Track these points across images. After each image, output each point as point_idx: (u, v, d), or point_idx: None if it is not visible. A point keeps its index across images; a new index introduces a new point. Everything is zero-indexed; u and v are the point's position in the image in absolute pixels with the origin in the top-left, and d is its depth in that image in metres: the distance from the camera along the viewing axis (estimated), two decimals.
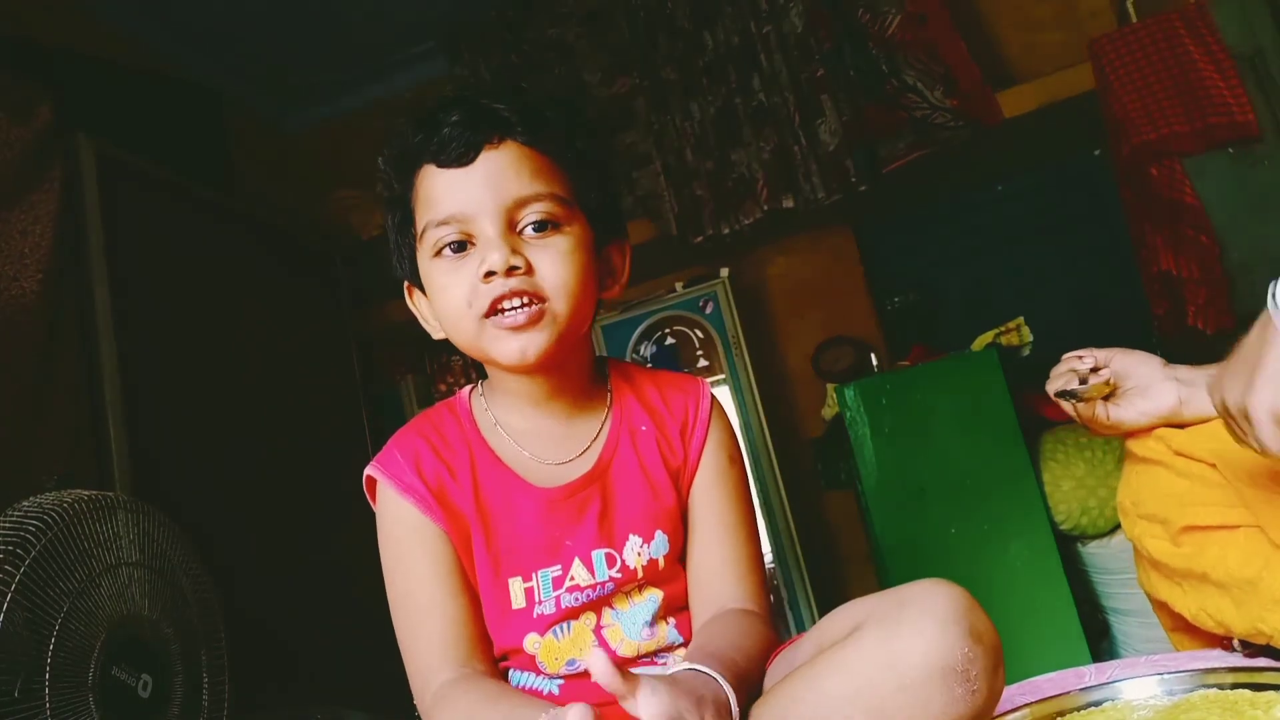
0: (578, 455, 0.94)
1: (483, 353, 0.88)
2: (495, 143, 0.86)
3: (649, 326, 3.02)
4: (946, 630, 0.66)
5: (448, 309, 0.88)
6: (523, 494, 0.91)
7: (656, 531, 0.92)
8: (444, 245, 0.87)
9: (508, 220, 0.86)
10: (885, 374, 2.24)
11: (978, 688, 0.66)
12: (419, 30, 3.24)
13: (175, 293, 2.29)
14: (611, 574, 0.89)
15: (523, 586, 0.88)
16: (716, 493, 0.95)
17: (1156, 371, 1.05)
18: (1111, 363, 1.08)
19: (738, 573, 0.93)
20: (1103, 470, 2.03)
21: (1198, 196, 2.12)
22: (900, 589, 0.72)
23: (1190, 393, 1.01)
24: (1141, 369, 1.06)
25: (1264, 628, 0.86)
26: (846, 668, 0.68)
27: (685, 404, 0.98)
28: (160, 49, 2.93)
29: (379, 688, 1.02)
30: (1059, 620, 1.99)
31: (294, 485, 2.51)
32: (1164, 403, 1.03)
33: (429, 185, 0.88)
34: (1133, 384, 1.06)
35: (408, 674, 0.89)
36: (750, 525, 0.97)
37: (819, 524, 3.13)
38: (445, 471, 0.91)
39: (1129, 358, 1.08)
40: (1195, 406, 1.00)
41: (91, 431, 1.97)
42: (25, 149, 1.92)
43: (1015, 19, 2.96)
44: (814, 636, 0.79)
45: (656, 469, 0.94)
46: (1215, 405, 0.79)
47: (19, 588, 1.28)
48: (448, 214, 0.86)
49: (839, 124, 2.76)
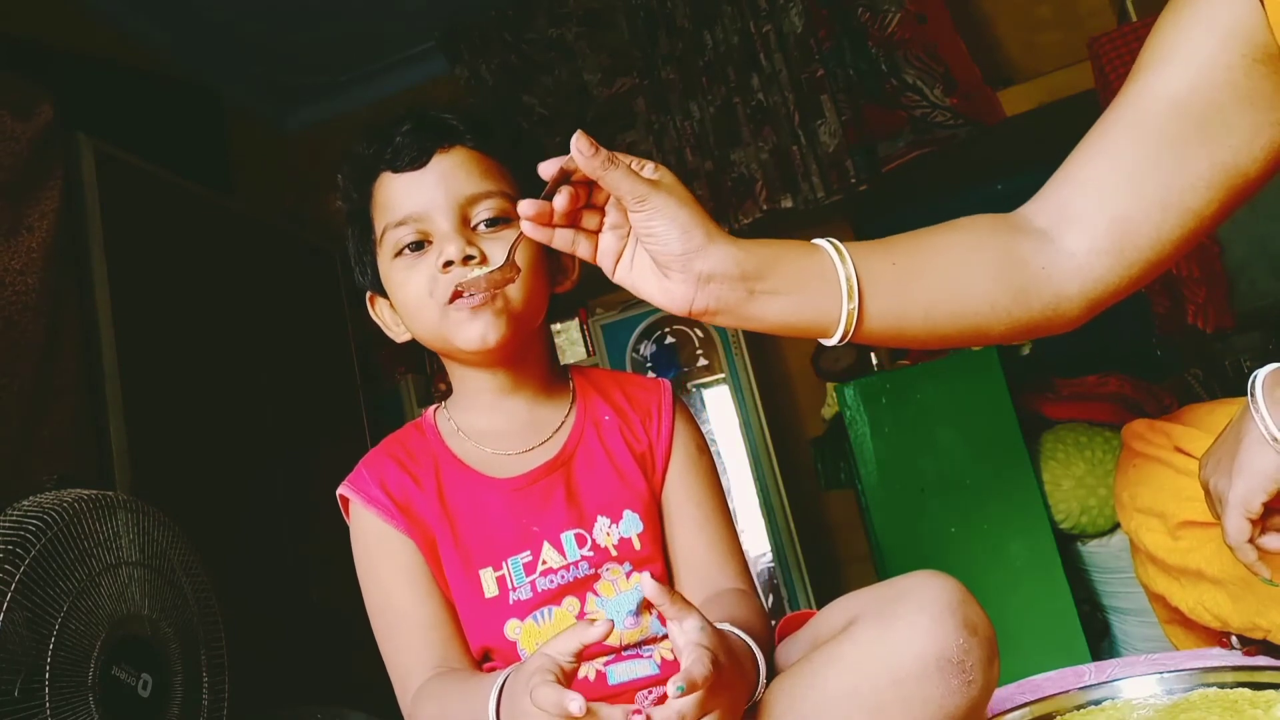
0: (541, 444, 0.96)
1: (445, 340, 0.92)
2: (446, 147, 0.92)
3: (649, 326, 3.02)
4: (941, 622, 0.67)
5: (409, 301, 0.92)
6: (487, 489, 0.94)
7: (625, 511, 0.94)
8: (403, 245, 0.91)
9: (461, 216, 0.91)
10: (885, 373, 2.24)
11: (974, 678, 0.67)
12: (419, 30, 3.24)
13: (175, 292, 2.29)
14: (583, 553, 0.91)
15: (494, 575, 0.90)
16: (690, 481, 0.98)
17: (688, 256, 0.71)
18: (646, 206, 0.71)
19: (723, 555, 0.95)
20: (1103, 469, 2.03)
21: None
22: (894, 581, 0.73)
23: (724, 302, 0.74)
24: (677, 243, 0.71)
25: (1261, 622, 0.86)
26: (843, 664, 0.69)
27: (647, 398, 1.01)
28: (160, 49, 2.93)
29: (379, 688, 1.02)
30: (1059, 619, 1.99)
31: (294, 485, 2.51)
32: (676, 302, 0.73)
33: (385, 191, 0.93)
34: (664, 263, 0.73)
35: (391, 679, 0.91)
36: (726, 510, 0.99)
37: (819, 524, 3.13)
38: (410, 481, 0.94)
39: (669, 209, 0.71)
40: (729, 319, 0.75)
41: (92, 431, 1.96)
42: (26, 148, 1.92)
43: (1015, 19, 2.96)
44: (809, 632, 0.80)
45: (622, 454, 0.96)
46: (1201, 481, 0.79)
47: (19, 587, 1.28)
48: (405, 214, 0.91)
49: (838, 124, 2.76)
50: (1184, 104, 0.76)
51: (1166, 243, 0.77)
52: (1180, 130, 0.76)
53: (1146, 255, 0.77)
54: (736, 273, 0.71)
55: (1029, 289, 0.77)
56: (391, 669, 0.91)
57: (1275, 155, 0.76)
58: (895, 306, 0.75)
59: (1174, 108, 0.76)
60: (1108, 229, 0.77)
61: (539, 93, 3.15)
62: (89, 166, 2.08)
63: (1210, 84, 0.75)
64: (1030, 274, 0.77)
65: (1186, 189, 0.76)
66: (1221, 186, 0.76)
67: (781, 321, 0.74)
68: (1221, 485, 0.74)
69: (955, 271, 0.77)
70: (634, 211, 0.70)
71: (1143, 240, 0.77)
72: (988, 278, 0.77)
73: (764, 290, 0.72)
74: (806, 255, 0.75)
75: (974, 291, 0.76)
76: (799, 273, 0.73)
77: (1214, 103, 0.75)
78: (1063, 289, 0.78)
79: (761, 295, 0.72)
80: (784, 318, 0.74)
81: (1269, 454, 0.70)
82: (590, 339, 3.05)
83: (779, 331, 0.75)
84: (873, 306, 0.74)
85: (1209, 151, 0.75)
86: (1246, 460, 0.71)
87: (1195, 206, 0.76)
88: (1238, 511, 0.72)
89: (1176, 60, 0.76)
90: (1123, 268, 0.78)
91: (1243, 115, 0.75)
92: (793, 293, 0.73)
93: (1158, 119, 0.77)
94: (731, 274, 0.71)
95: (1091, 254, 0.77)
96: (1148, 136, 0.77)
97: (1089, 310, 0.79)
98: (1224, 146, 0.75)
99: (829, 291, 0.73)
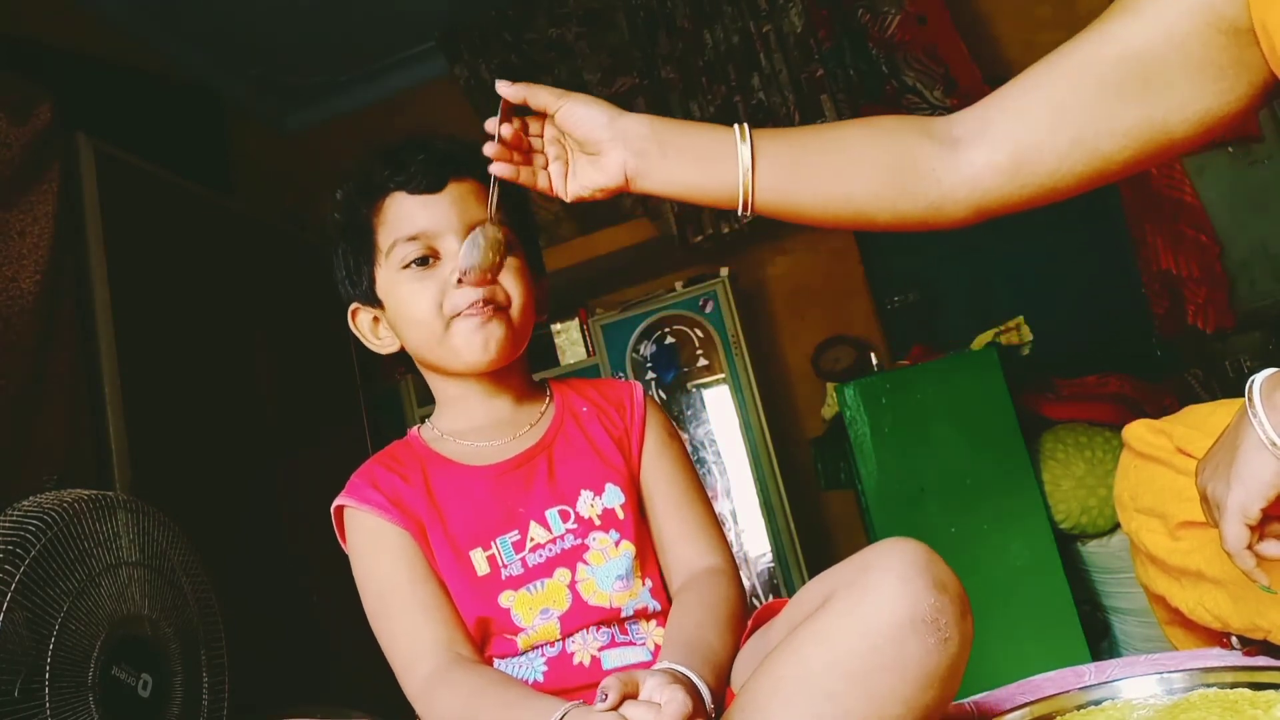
0: (522, 434, 1.02)
1: (447, 350, 0.97)
2: (460, 178, 0.99)
3: (649, 326, 3.02)
4: (910, 584, 0.68)
5: (415, 313, 0.97)
6: (472, 476, 0.98)
7: (606, 484, 0.98)
8: (412, 260, 0.97)
9: None
10: (885, 374, 2.24)
11: (949, 635, 0.68)
12: (419, 30, 3.24)
13: (175, 293, 2.29)
14: (567, 526, 0.95)
15: (484, 555, 0.94)
16: (664, 462, 1.04)
17: (603, 130, 0.87)
18: (560, 110, 0.89)
19: (698, 529, 1.01)
20: (1103, 470, 2.03)
21: (1197, 196, 2.12)
22: (863, 553, 0.76)
23: (640, 166, 0.87)
24: (590, 124, 0.87)
25: (1262, 622, 0.86)
26: (822, 638, 0.70)
27: (619, 393, 1.08)
28: (160, 49, 2.93)
29: (381, 687, 1.02)
30: (1059, 620, 1.99)
31: (294, 485, 2.51)
32: (610, 176, 0.88)
33: (397, 208, 0.98)
34: (590, 149, 0.89)
35: (394, 672, 0.92)
36: (700, 489, 1.06)
37: (819, 524, 3.13)
38: (399, 480, 0.98)
39: (579, 106, 0.88)
40: (645, 182, 0.88)
41: (91, 431, 1.96)
42: (25, 149, 1.92)
43: (1015, 19, 2.96)
44: (787, 615, 0.82)
45: (601, 437, 1.02)
46: (1198, 487, 0.79)
47: (19, 587, 1.28)
48: (417, 230, 0.97)
49: None
50: (1134, 56, 0.79)
51: (1068, 175, 0.82)
52: (1121, 79, 0.79)
53: (1043, 181, 0.83)
54: (649, 132, 0.87)
55: (913, 188, 0.86)
56: (394, 654, 0.92)
57: (1209, 123, 0.79)
58: (788, 184, 0.87)
59: (1124, 58, 0.79)
60: (1012, 150, 0.83)
61: None
62: (89, 166, 2.08)
63: (1167, 43, 0.78)
64: (918, 174, 0.85)
65: (1104, 133, 0.80)
66: (1141, 139, 0.80)
67: (690, 183, 0.87)
68: (1219, 491, 0.74)
69: (847, 160, 0.87)
70: (558, 113, 0.88)
71: (1041, 168, 0.82)
72: (877, 171, 0.86)
73: (675, 152, 0.86)
74: (714, 132, 0.88)
75: (861, 181, 0.86)
76: (706, 144, 0.87)
77: (1164, 60, 0.78)
78: (950, 193, 0.86)
79: (673, 156, 0.86)
80: (691, 180, 0.87)
81: (1268, 460, 0.69)
82: (590, 339, 3.05)
83: (692, 197, 0.88)
84: (765, 181, 0.86)
85: (1141, 105, 0.79)
86: (1245, 466, 0.70)
87: (1107, 151, 0.81)
88: (1236, 518, 0.71)
89: (1143, 15, 0.79)
90: (1015, 187, 0.84)
91: (1189, 79, 0.77)
92: (700, 160, 0.86)
93: (1104, 64, 0.80)
94: (645, 134, 0.86)
95: (988, 167, 0.84)
96: (1087, 77, 0.81)
97: (976, 215, 0.87)
98: (1158, 105, 0.79)
99: (731, 165, 0.86)
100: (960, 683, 0.71)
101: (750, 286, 3.27)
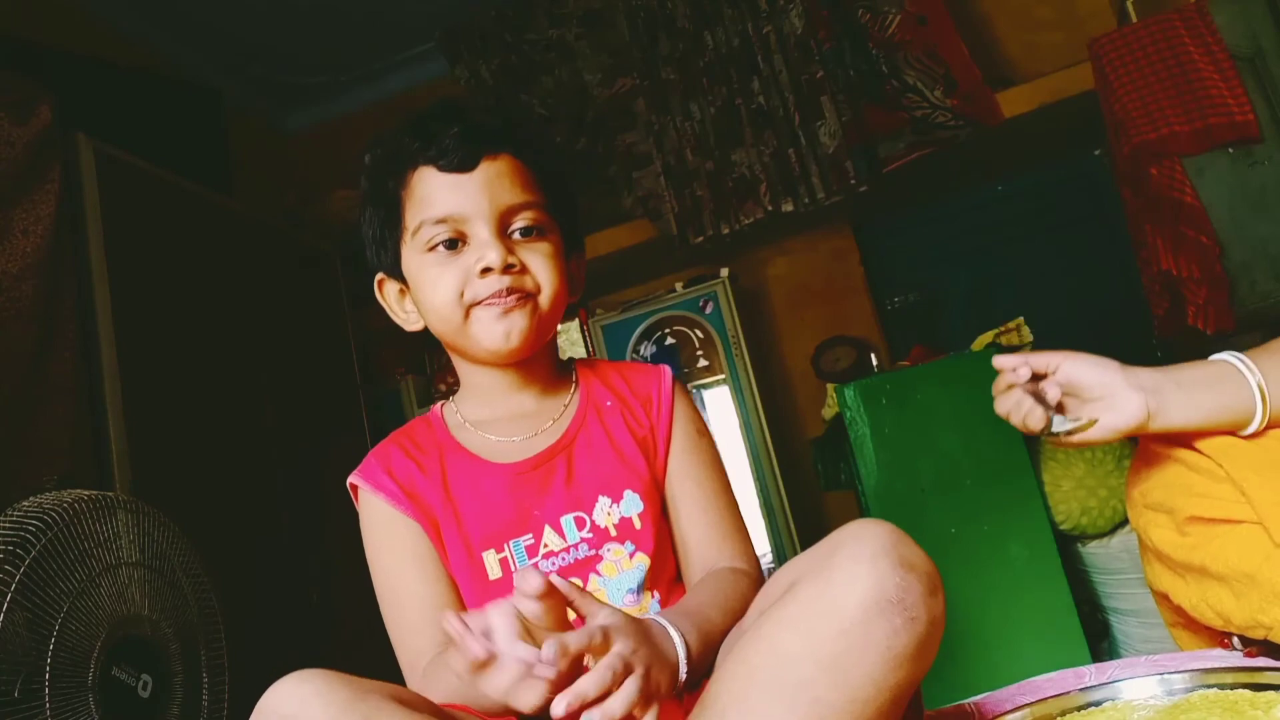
0: (543, 430, 0.99)
1: (467, 338, 0.95)
2: (493, 155, 0.94)
3: (649, 326, 3.02)
4: (875, 564, 0.67)
5: (437, 299, 0.94)
6: (490, 474, 0.96)
7: (625, 491, 0.95)
8: (438, 242, 0.93)
9: (500, 224, 0.94)
10: (885, 374, 2.24)
11: (916, 614, 0.67)
12: (419, 31, 3.24)
13: (175, 293, 2.29)
14: (583, 535, 0.94)
15: (497, 558, 0.92)
16: (691, 462, 1.00)
17: (1116, 379, 0.93)
18: (1060, 370, 0.94)
19: (723, 534, 0.97)
20: (1103, 470, 2.03)
21: (1198, 196, 2.12)
22: (830, 537, 0.74)
23: (1159, 403, 0.92)
24: (1098, 377, 0.94)
25: (1264, 619, 0.86)
26: (790, 624, 0.69)
27: (647, 384, 1.04)
28: (160, 49, 2.93)
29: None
30: (1059, 620, 1.99)
31: (294, 485, 2.51)
32: (1129, 415, 0.91)
33: (426, 185, 0.94)
34: (1091, 395, 0.93)
35: (400, 664, 0.92)
36: (729, 492, 1.01)
37: (819, 524, 3.13)
38: (415, 468, 0.97)
39: (1080, 364, 0.94)
40: (1165, 419, 0.92)
41: (91, 431, 1.96)
42: (26, 149, 1.92)
43: (1015, 19, 2.96)
44: (758, 603, 0.80)
45: (623, 438, 0.99)
46: None
47: (19, 588, 1.28)
48: (445, 213, 0.93)
49: (839, 125, 2.76)
50: None
51: None
52: None
53: None
54: (1163, 377, 0.94)
55: None
56: (400, 651, 0.93)
57: None
58: None
59: None
60: None
61: (539, 93, 3.15)
62: (89, 166, 2.08)
63: None
64: None
65: None
66: None
67: (1209, 408, 0.93)
68: None
69: None
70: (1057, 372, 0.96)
71: None
72: None
73: (1189, 384, 0.93)
74: (1209, 365, 0.95)
75: None
76: (1209, 374, 0.94)
77: None
78: None
79: (1188, 387, 0.93)
80: (1209, 404, 0.93)
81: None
82: (590, 339, 3.06)
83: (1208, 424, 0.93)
84: (1274, 390, 0.91)
85: None
86: None
87: None
88: None
89: None
90: None
91: None
92: (1211, 388, 0.93)
93: None
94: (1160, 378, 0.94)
95: None
96: None
97: None
98: None
99: (1239, 384, 0.92)
100: (933, 660, 0.70)
101: (750, 287, 3.27)
